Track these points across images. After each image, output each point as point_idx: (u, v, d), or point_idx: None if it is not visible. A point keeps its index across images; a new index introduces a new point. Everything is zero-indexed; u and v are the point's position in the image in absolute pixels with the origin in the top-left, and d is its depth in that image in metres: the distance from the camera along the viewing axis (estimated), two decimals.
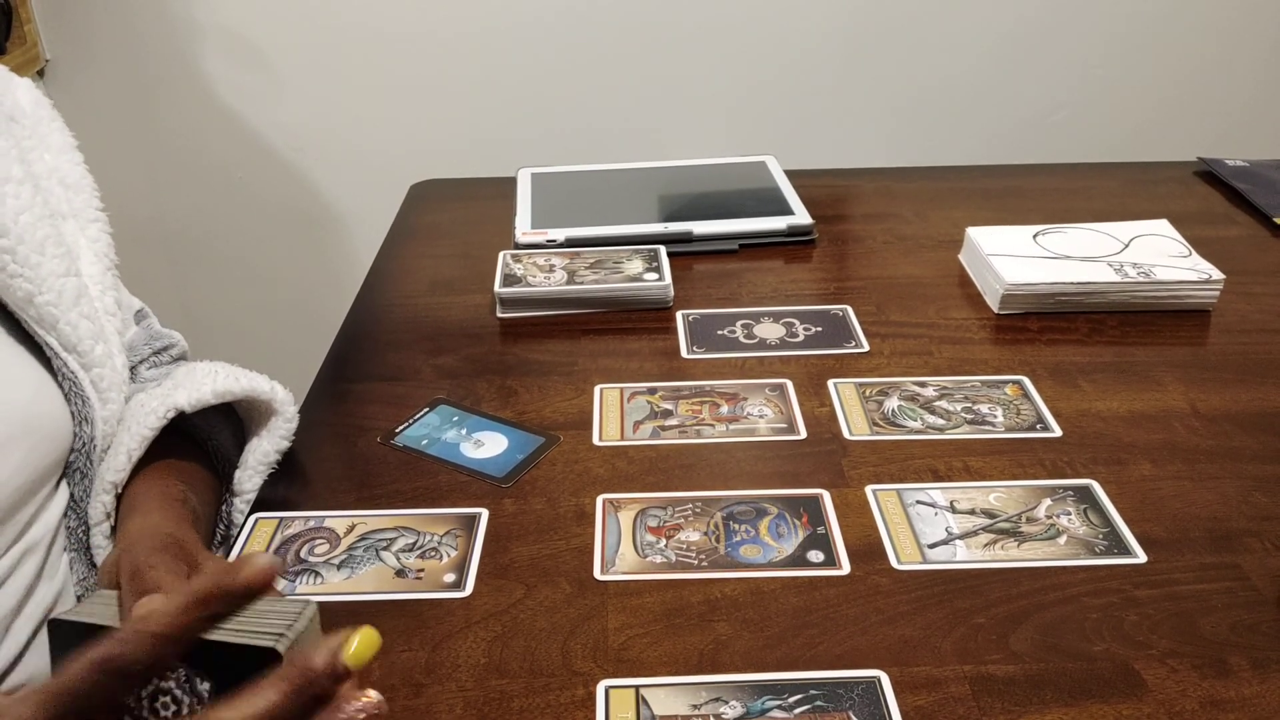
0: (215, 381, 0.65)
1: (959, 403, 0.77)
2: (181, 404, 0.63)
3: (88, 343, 0.63)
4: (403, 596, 0.61)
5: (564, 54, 1.60)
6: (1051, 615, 0.58)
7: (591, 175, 1.19)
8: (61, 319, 0.61)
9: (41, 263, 0.61)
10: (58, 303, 0.61)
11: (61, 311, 0.61)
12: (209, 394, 0.64)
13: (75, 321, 0.62)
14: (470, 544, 0.65)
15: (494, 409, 0.78)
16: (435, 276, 1.00)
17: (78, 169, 0.70)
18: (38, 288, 0.60)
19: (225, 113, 1.64)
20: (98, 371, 0.63)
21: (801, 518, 0.66)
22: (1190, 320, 0.89)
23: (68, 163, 0.69)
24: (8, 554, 0.58)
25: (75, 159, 0.70)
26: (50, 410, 0.61)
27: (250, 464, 0.68)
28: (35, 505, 0.60)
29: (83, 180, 0.70)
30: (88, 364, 0.62)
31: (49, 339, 0.61)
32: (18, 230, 0.60)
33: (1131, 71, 1.64)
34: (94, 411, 0.62)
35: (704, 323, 0.90)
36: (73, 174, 0.69)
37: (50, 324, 0.61)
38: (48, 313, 0.61)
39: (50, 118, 0.70)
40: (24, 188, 0.62)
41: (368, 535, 0.66)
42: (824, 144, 1.65)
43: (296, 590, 0.61)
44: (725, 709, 0.53)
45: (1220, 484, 0.69)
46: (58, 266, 0.62)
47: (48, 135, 0.69)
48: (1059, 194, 1.15)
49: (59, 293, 0.61)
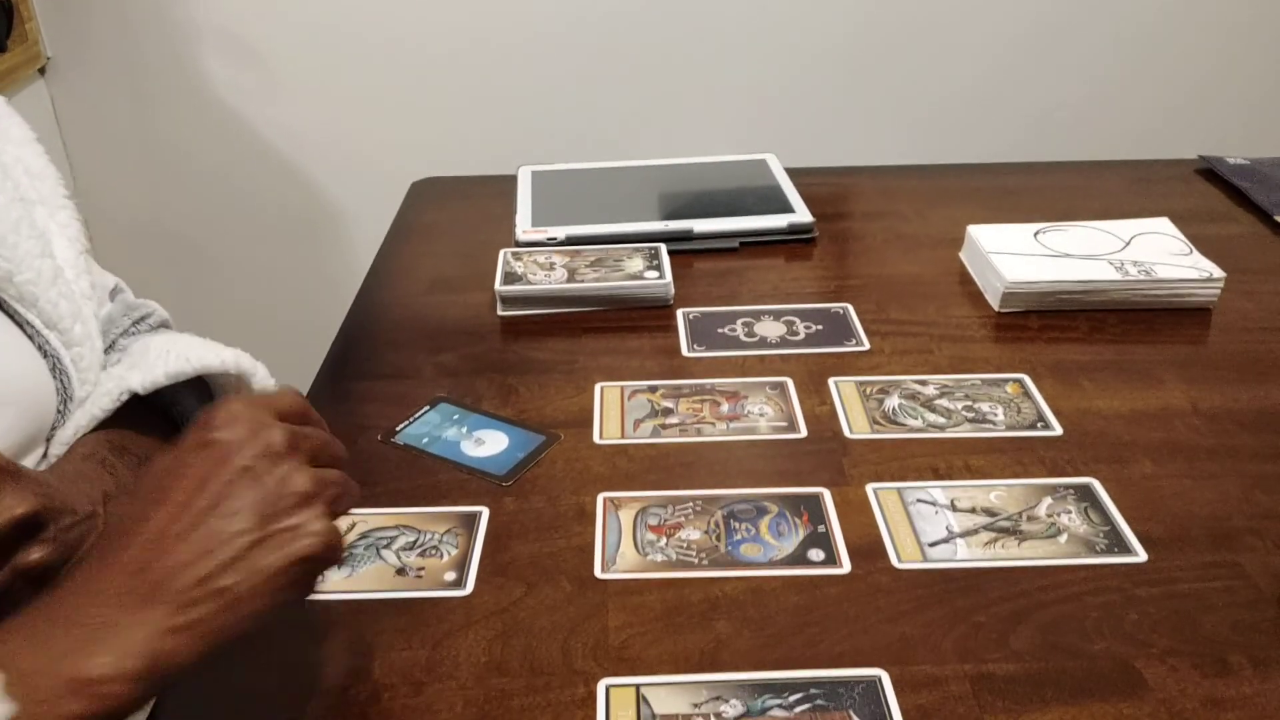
0: (167, 362, 0.64)
1: (959, 401, 0.77)
2: (134, 386, 0.63)
3: (67, 321, 0.63)
4: (403, 595, 0.61)
5: (564, 52, 1.60)
6: (1052, 614, 0.58)
7: (592, 173, 1.19)
8: (41, 296, 0.62)
9: (18, 243, 0.61)
10: (37, 281, 0.61)
11: (41, 290, 0.62)
12: (161, 376, 0.64)
13: (54, 300, 0.62)
14: (471, 542, 0.65)
15: (494, 407, 0.78)
16: (435, 275, 0.99)
17: (40, 159, 0.70)
18: (16, 266, 0.60)
19: (226, 112, 1.64)
20: (77, 350, 0.63)
21: (802, 516, 0.66)
22: (1191, 318, 0.89)
23: (30, 154, 0.69)
24: None
25: (37, 150, 0.70)
26: (36, 379, 0.61)
27: None
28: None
29: (46, 169, 0.69)
30: (68, 342, 0.63)
31: (29, 315, 0.62)
32: None
33: (1132, 71, 1.64)
34: (74, 389, 0.63)
35: (704, 321, 0.90)
36: (36, 163, 0.69)
37: (30, 301, 0.61)
38: (28, 290, 0.61)
39: (7, 113, 0.70)
40: None
41: (368, 534, 0.66)
42: (825, 142, 1.65)
43: None
44: (726, 708, 0.53)
45: (1221, 482, 0.69)
46: (34, 247, 0.62)
47: (8, 129, 0.69)
48: (1060, 192, 1.15)
49: (38, 271, 0.62)
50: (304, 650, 0.57)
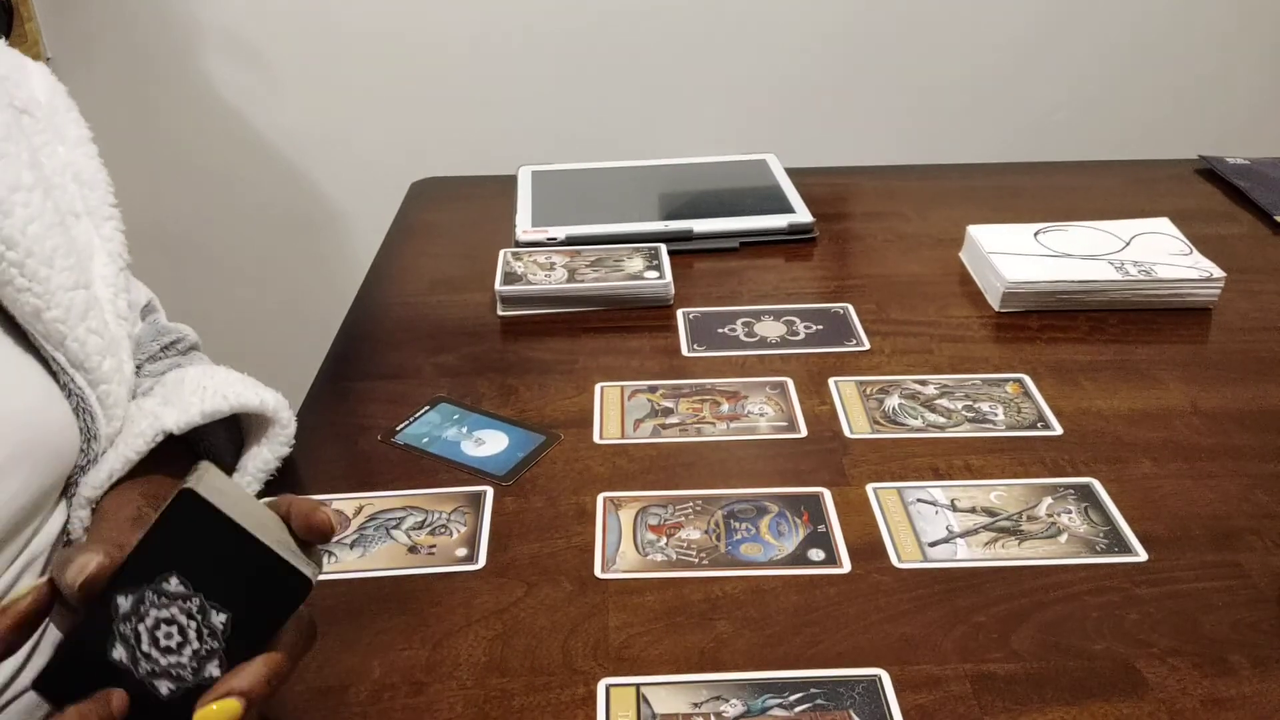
0: (204, 401, 0.63)
1: (960, 401, 0.77)
2: (169, 427, 0.62)
3: (95, 359, 0.61)
4: (418, 571, 0.62)
5: (564, 52, 1.60)
6: (1052, 614, 0.58)
7: (592, 173, 1.19)
8: (69, 335, 0.60)
9: (50, 276, 0.59)
10: (65, 318, 0.60)
11: (69, 328, 0.60)
12: (197, 415, 0.63)
13: (83, 337, 0.61)
14: (479, 519, 0.66)
15: (494, 407, 0.78)
16: (435, 275, 1.00)
17: (93, 163, 0.68)
18: (46, 302, 0.59)
19: (226, 111, 1.64)
20: (105, 389, 0.61)
21: (802, 516, 0.66)
22: (1191, 318, 0.89)
23: (83, 156, 0.67)
24: (9, 569, 0.57)
25: (90, 152, 0.68)
26: (59, 424, 0.59)
27: (250, 470, 0.68)
28: (39, 520, 0.59)
29: (97, 175, 0.68)
30: (95, 380, 0.61)
31: (56, 355, 0.60)
32: (26, 242, 0.58)
33: (1132, 71, 1.64)
34: (100, 428, 0.61)
35: (704, 321, 0.90)
36: (88, 168, 0.67)
37: (58, 341, 0.60)
38: (55, 329, 0.59)
39: (66, 107, 0.68)
40: (34, 194, 0.60)
41: (377, 515, 0.66)
42: (825, 142, 1.65)
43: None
44: (726, 707, 0.53)
45: (1221, 482, 0.69)
46: (66, 280, 0.60)
47: (63, 127, 0.67)
48: (1060, 192, 1.15)
49: (67, 308, 0.60)
50: None
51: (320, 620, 0.59)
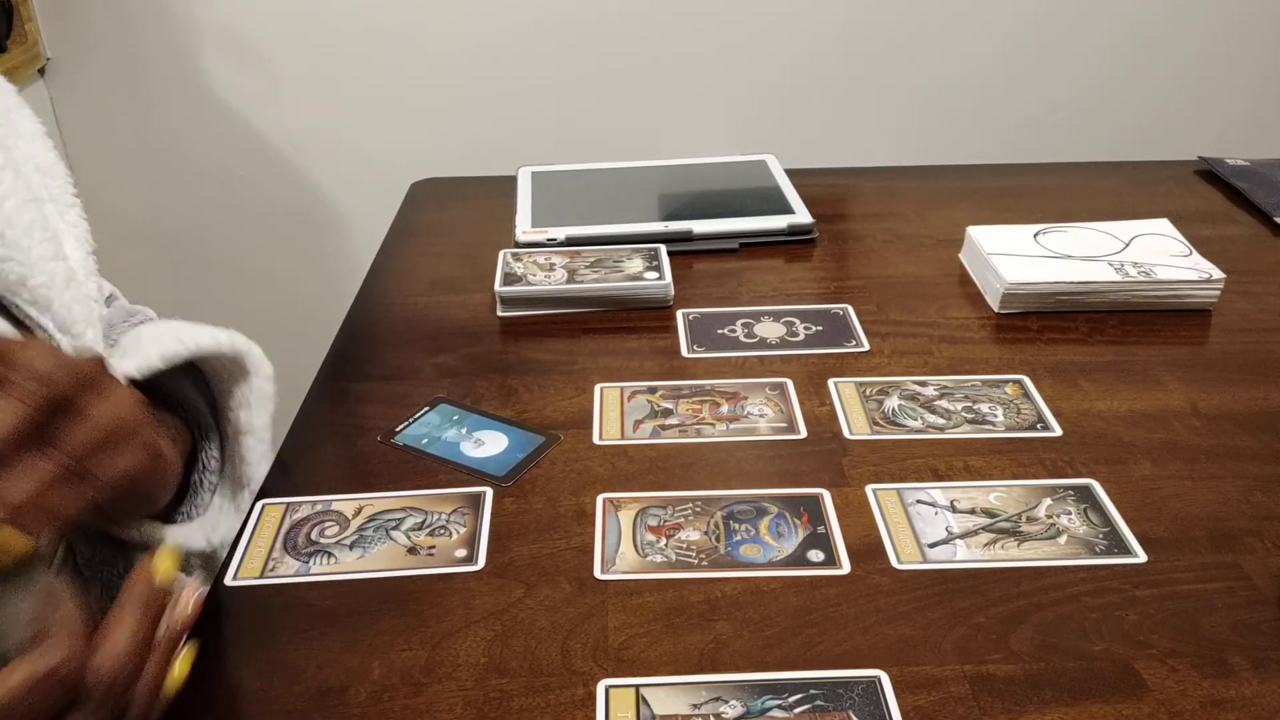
0: (161, 345, 0.63)
1: (959, 402, 0.77)
2: (130, 371, 0.61)
3: (80, 325, 0.62)
4: (417, 572, 0.62)
5: (564, 52, 1.60)
6: (1051, 615, 0.58)
7: (592, 174, 1.19)
8: (55, 300, 0.60)
9: (31, 246, 0.60)
10: (50, 284, 0.60)
11: (55, 294, 0.60)
12: (156, 359, 0.62)
13: (68, 303, 0.61)
14: (478, 520, 0.66)
15: (494, 408, 0.78)
16: (435, 275, 1.00)
17: (50, 154, 0.69)
18: (30, 270, 0.59)
19: (225, 112, 1.64)
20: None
21: (802, 517, 0.66)
22: (1191, 320, 0.89)
23: (40, 149, 0.68)
24: None
25: (46, 145, 0.69)
26: None
27: (252, 401, 0.67)
28: None
29: (56, 166, 0.69)
30: (81, 348, 0.62)
31: (43, 320, 0.60)
32: (4, 214, 0.59)
33: (1132, 71, 1.64)
34: None
35: (704, 322, 0.90)
36: (46, 159, 0.68)
37: (45, 305, 0.60)
38: (42, 295, 0.60)
39: (18, 105, 0.69)
40: (5, 173, 0.61)
41: (376, 516, 0.66)
42: (824, 143, 1.65)
43: (311, 571, 0.62)
44: (725, 708, 0.53)
45: (1221, 483, 0.69)
46: (47, 250, 0.61)
47: (18, 123, 0.68)
48: (1059, 193, 1.15)
49: (51, 275, 0.60)
50: (304, 650, 0.57)
51: (320, 621, 0.59)
